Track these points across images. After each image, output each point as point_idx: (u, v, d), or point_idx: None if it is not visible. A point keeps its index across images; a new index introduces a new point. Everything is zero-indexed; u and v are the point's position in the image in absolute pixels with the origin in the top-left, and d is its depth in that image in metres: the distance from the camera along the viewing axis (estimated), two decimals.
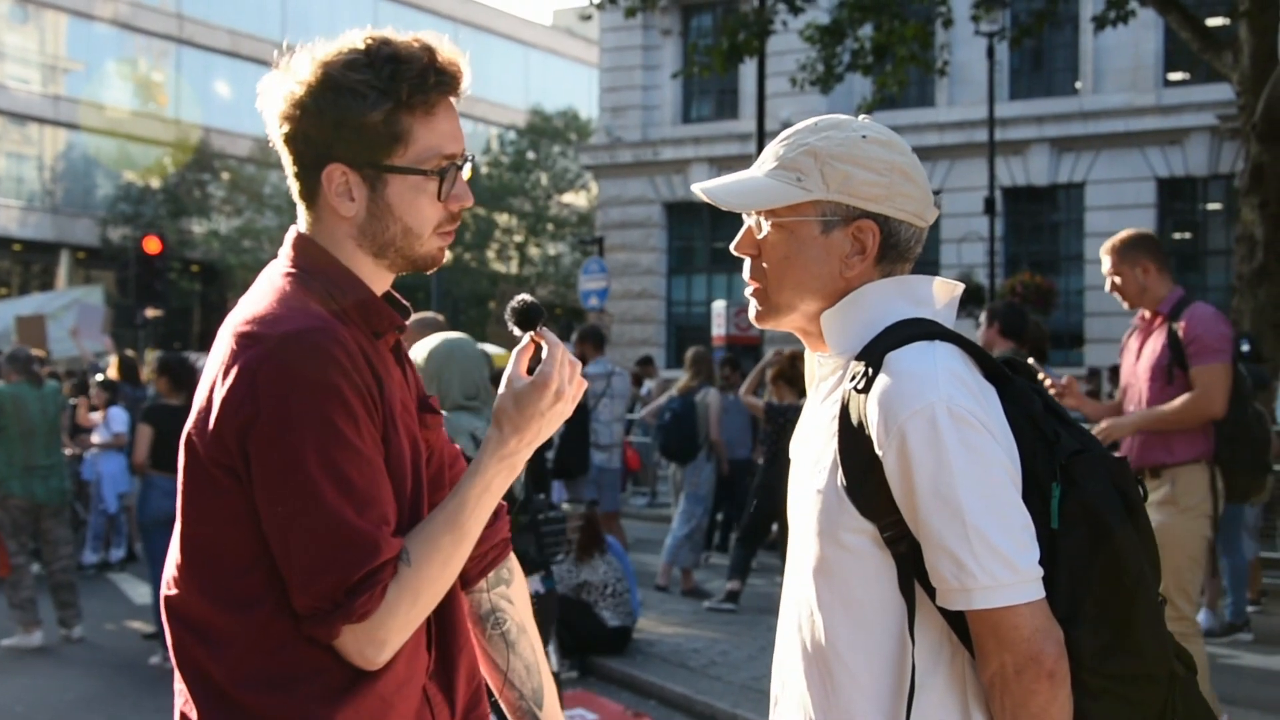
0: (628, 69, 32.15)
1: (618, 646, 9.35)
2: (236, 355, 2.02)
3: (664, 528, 17.29)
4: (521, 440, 2.11)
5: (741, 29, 17.31)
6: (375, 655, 2.02)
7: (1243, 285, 13.36)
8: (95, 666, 9.47)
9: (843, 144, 2.20)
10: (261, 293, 2.14)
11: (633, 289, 31.18)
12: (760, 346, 20.80)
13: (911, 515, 2.04)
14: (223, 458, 2.02)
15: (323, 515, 1.96)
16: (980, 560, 1.97)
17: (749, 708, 7.93)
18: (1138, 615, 2.05)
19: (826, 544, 2.14)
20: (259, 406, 1.97)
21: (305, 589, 1.98)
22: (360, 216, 2.14)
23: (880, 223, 2.21)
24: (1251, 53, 13.59)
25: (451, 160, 2.15)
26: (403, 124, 2.09)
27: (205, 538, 2.09)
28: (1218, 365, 6.19)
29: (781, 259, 2.24)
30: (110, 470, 13.69)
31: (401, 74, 2.08)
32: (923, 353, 2.08)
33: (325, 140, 2.10)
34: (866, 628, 2.12)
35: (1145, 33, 25.85)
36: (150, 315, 21.84)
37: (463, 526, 2.08)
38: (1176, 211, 27.23)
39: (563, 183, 48.57)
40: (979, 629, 2.02)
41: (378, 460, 2.03)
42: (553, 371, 2.10)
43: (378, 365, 2.09)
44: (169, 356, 10.67)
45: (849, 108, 25.49)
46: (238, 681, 2.04)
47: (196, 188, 42.61)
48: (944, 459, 2.00)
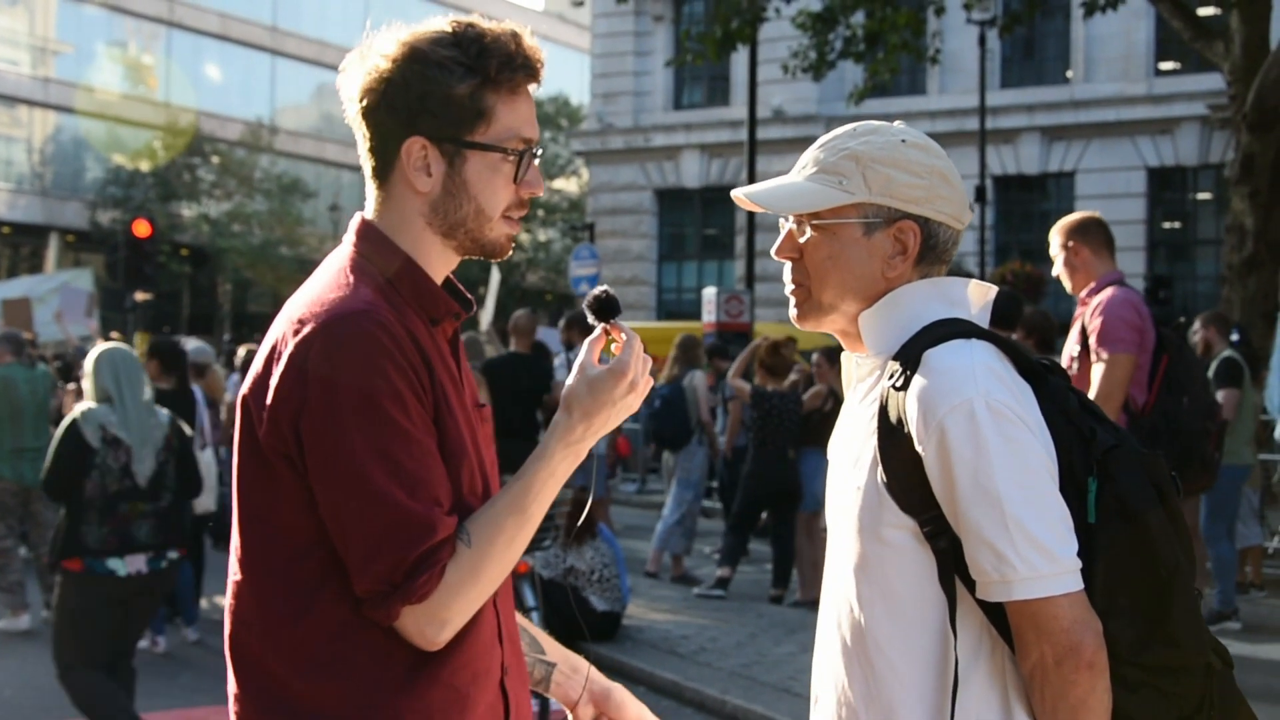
0: (619, 55, 32.10)
1: (606, 632, 9.36)
2: (287, 342, 2.04)
3: (654, 514, 17.32)
4: (590, 427, 2.12)
5: (734, 16, 17.29)
6: (436, 635, 2.02)
7: (1233, 275, 13.40)
8: None
9: (883, 148, 2.25)
10: (317, 278, 2.16)
11: (623, 275, 31.16)
12: (750, 334, 20.79)
13: (951, 509, 2.08)
14: (279, 445, 2.03)
15: (373, 498, 1.97)
16: (1020, 551, 2.00)
17: (738, 694, 7.95)
18: (1173, 607, 2.08)
19: (867, 540, 2.17)
20: (307, 394, 2.00)
21: (363, 572, 1.99)
22: (435, 192, 2.15)
23: (920, 224, 2.26)
24: (1242, 42, 13.61)
25: (529, 144, 2.17)
26: (487, 101, 2.12)
27: (264, 525, 2.10)
28: (1115, 355, 5.98)
29: (825, 260, 2.28)
30: None
31: (490, 51, 2.11)
32: (960, 350, 2.12)
33: (410, 111, 2.11)
34: (907, 622, 2.14)
35: (1136, 22, 25.86)
36: (140, 299, 21.80)
37: (526, 510, 2.09)
38: (1167, 201, 27.27)
39: (554, 168, 48.52)
40: (1019, 620, 2.05)
41: (428, 442, 2.04)
42: (630, 361, 2.12)
43: (429, 350, 2.10)
44: (159, 341, 10.64)
45: (840, 95, 25.50)
46: (297, 670, 2.05)
47: (186, 171, 42.51)
48: (983, 452, 2.03)
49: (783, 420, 11.00)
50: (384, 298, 2.10)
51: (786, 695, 7.90)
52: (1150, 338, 6.18)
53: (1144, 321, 6.16)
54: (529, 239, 48.79)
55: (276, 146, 44.78)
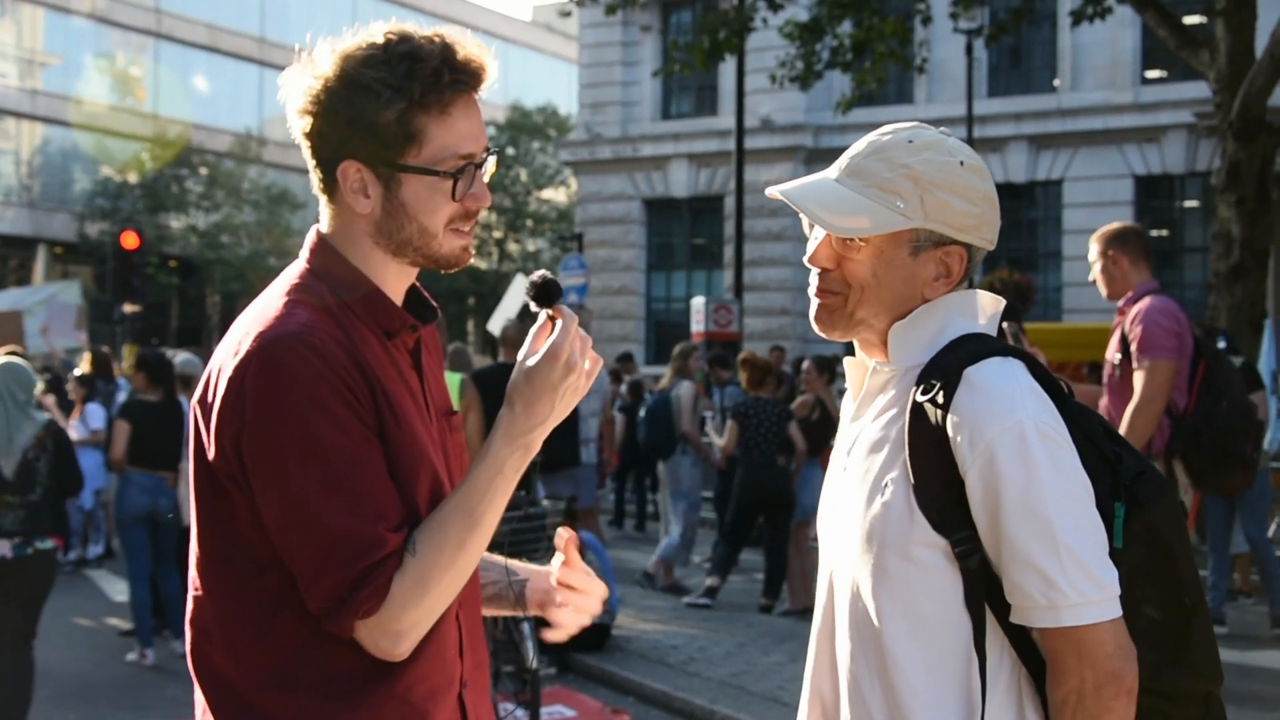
0: (607, 65, 32.10)
1: (596, 643, 9.35)
2: (228, 364, 2.04)
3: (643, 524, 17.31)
4: (532, 416, 2.06)
5: (722, 27, 17.32)
6: (392, 647, 2.01)
7: (1219, 282, 13.42)
8: (71, 663, 9.42)
9: (942, 170, 2.19)
10: (264, 296, 2.16)
11: (612, 285, 31.14)
12: (739, 343, 20.81)
13: (993, 531, 2.05)
14: (225, 466, 2.03)
15: (313, 519, 1.97)
16: (1070, 577, 1.99)
17: (727, 704, 7.95)
18: (1194, 634, 2.09)
19: (892, 557, 2.12)
20: (245, 417, 1.99)
21: (310, 590, 2.00)
22: (376, 214, 2.12)
23: (966, 249, 2.23)
24: (1228, 51, 13.65)
25: (469, 159, 2.12)
26: (417, 123, 2.07)
27: (221, 542, 2.10)
28: (1156, 362, 6.14)
29: (869, 277, 2.22)
30: (87, 467, 13.57)
31: (416, 72, 2.05)
32: (1003, 370, 2.10)
33: (340, 138, 2.08)
34: (930, 641, 2.11)
35: (1123, 30, 25.92)
36: (128, 310, 21.76)
37: (474, 512, 2.05)
38: (1154, 209, 27.29)
39: (542, 178, 48.50)
40: (1059, 645, 2.03)
41: (369, 456, 2.02)
42: (563, 342, 2.06)
43: (376, 365, 2.08)
44: (146, 352, 10.63)
45: (828, 104, 25.52)
46: (257, 685, 2.05)
47: (175, 183, 42.42)
48: (1035, 475, 2.01)
49: (764, 426, 11.01)
50: (329, 315, 2.08)
51: (775, 705, 7.90)
52: (1189, 343, 6.36)
53: (1182, 328, 6.33)
54: (518, 249, 48.78)
55: (265, 158, 44.66)
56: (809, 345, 26.76)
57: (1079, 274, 26.70)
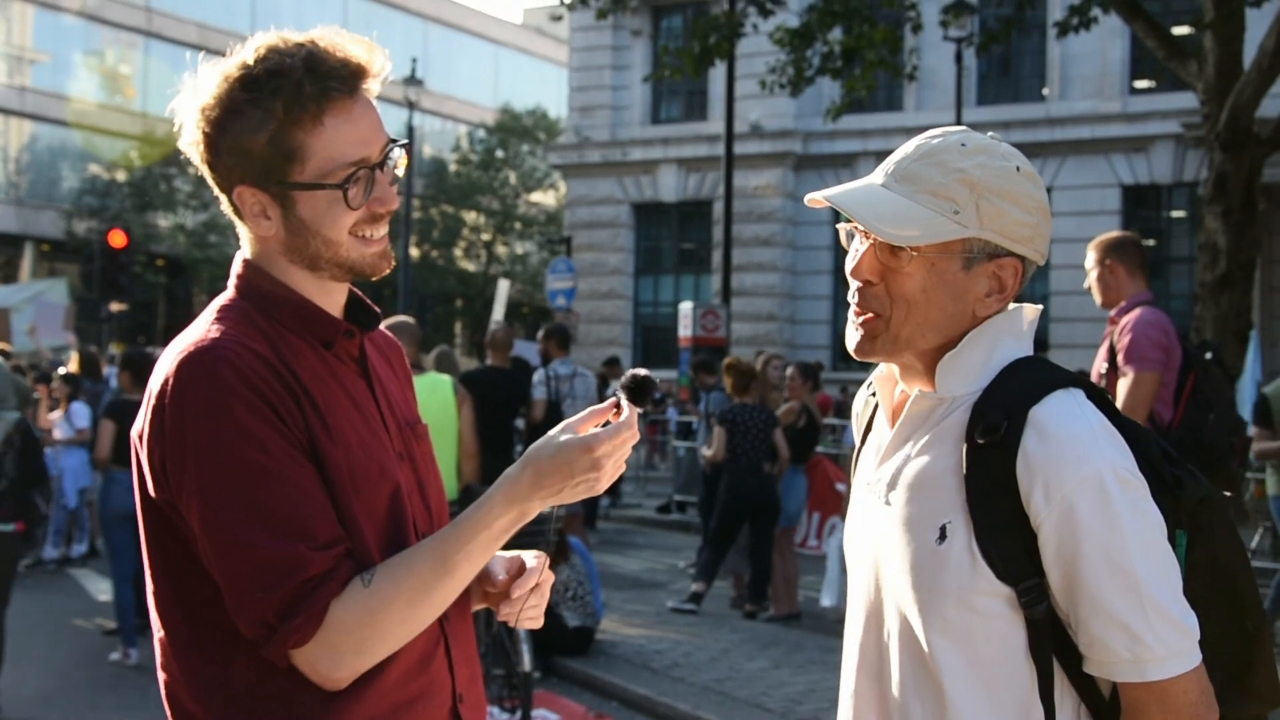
0: (597, 69, 32.14)
1: (580, 647, 9.35)
2: (154, 389, 2.00)
3: (629, 529, 17.31)
4: (538, 488, 1.98)
5: (712, 32, 17.34)
6: (330, 673, 1.94)
7: (1205, 293, 13.46)
8: (53, 662, 9.39)
9: (999, 176, 2.05)
10: (193, 323, 2.10)
11: (600, 289, 31.17)
12: (726, 348, 20.82)
13: (1068, 583, 1.95)
14: (162, 494, 1.99)
15: (230, 540, 1.90)
16: (1156, 631, 1.91)
17: (710, 709, 7.95)
18: (1258, 659, 2.04)
19: (950, 605, 2.00)
20: (166, 440, 1.95)
21: (238, 616, 1.93)
22: (281, 234, 2.06)
23: (1020, 261, 2.09)
24: (1216, 62, 13.69)
25: (361, 164, 2.02)
26: (292, 140, 1.99)
27: (171, 575, 2.05)
28: (1140, 374, 6.16)
29: (917, 292, 2.05)
30: (71, 465, 13.61)
31: (279, 89, 1.97)
32: (1072, 410, 1.98)
33: (226, 166, 2.03)
34: (993, 690, 2.00)
35: (1112, 40, 26.02)
36: (115, 309, 21.73)
37: (448, 561, 1.97)
38: (1141, 218, 27.38)
39: (531, 181, 48.55)
40: (1141, 697, 1.94)
41: (295, 474, 1.94)
42: (605, 440, 1.97)
43: (309, 376, 2.03)
44: (132, 352, 10.61)
45: (818, 110, 25.53)
46: (217, 714, 2.00)
47: (163, 181, 42.35)
48: (1117, 527, 1.91)
49: (751, 432, 11.03)
50: (255, 330, 2.03)
51: (759, 711, 7.91)
52: (1177, 356, 6.36)
53: (1170, 341, 6.34)
54: (506, 251, 48.78)
55: None
56: (795, 351, 26.80)
57: (1066, 283, 26.77)
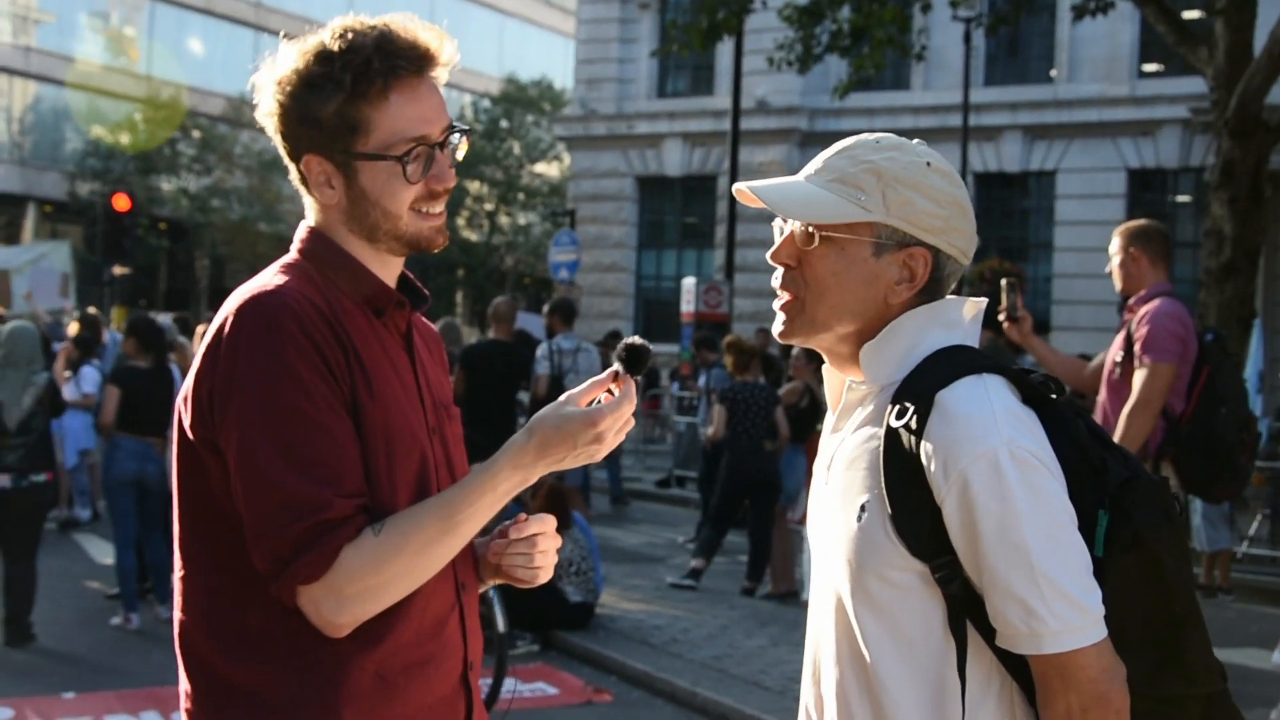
0: (604, 41, 32.03)
1: (579, 622, 9.39)
2: (213, 329, 2.10)
3: (630, 504, 17.33)
4: (541, 456, 2.08)
5: (721, 7, 17.28)
6: (333, 617, 2.01)
7: (1210, 280, 13.44)
8: (55, 625, 9.42)
9: (907, 168, 2.16)
10: (255, 277, 2.20)
11: (603, 262, 31.13)
12: (728, 324, 20.82)
13: (972, 559, 2.03)
14: (202, 431, 2.06)
15: (259, 475, 1.99)
16: (1050, 605, 1.97)
17: (708, 685, 7.99)
18: (1188, 640, 2.08)
19: (871, 578, 2.10)
20: (217, 374, 2.04)
21: (254, 549, 2.01)
22: (343, 203, 2.19)
23: (932, 253, 2.17)
24: (1227, 48, 13.64)
25: (421, 141, 2.15)
26: (359, 113, 2.12)
27: (201, 517, 2.12)
28: (1157, 364, 6.20)
29: (828, 275, 2.18)
30: (74, 427, 13.61)
31: (348, 64, 2.10)
32: (975, 393, 2.05)
33: (296, 135, 2.17)
34: (915, 661, 2.09)
35: (1121, 24, 25.90)
36: (117, 273, 21.71)
37: (454, 516, 2.06)
38: (1146, 202, 27.32)
39: (535, 152, 48.41)
40: (1044, 670, 2.01)
41: (333, 425, 2.03)
42: (608, 414, 2.08)
43: (358, 336, 2.13)
44: (137, 318, 10.64)
45: (825, 88, 25.51)
46: (234, 656, 2.08)
47: (167, 145, 42.27)
48: (1010, 504, 1.98)
49: (751, 411, 11.04)
50: (314, 286, 2.14)
51: (757, 688, 7.94)
52: (1193, 349, 6.39)
53: (1188, 333, 6.37)
54: (509, 222, 48.69)
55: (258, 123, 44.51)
56: None
57: (1070, 265, 26.77)
